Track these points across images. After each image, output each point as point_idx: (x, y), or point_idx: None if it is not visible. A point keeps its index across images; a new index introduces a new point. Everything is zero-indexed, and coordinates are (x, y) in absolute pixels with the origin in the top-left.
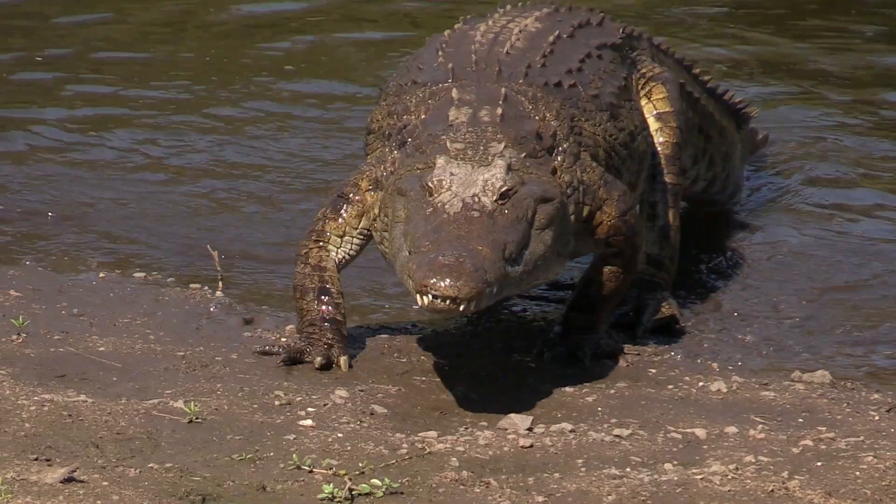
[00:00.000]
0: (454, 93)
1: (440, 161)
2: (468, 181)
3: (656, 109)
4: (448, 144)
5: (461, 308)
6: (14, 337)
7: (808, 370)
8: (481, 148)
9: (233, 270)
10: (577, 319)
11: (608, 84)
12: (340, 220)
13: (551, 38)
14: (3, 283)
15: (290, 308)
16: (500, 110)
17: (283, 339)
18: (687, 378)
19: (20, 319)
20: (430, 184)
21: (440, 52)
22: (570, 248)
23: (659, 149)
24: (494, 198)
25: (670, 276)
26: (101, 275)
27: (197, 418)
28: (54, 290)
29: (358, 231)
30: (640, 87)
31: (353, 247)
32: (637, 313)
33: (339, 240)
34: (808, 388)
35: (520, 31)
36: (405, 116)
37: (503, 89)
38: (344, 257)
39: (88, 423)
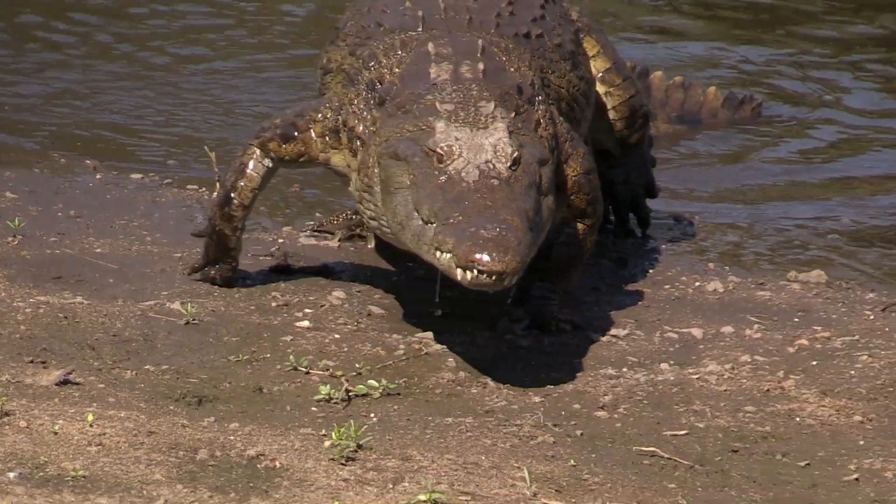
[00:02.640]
0: (430, 47)
1: (440, 125)
2: (475, 146)
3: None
4: (438, 106)
5: (504, 282)
6: (10, 239)
7: (803, 270)
8: (472, 108)
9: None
10: (538, 285)
11: (566, 31)
12: (283, 146)
13: None
14: (0, 185)
15: (288, 211)
16: (481, 65)
17: (280, 241)
18: (683, 278)
19: (16, 221)
20: (437, 150)
21: None
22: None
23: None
24: (508, 164)
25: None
26: (98, 176)
27: (193, 320)
28: (51, 192)
29: (291, 160)
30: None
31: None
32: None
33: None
34: (803, 287)
35: None
36: (374, 66)
37: (479, 41)
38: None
39: (84, 325)
